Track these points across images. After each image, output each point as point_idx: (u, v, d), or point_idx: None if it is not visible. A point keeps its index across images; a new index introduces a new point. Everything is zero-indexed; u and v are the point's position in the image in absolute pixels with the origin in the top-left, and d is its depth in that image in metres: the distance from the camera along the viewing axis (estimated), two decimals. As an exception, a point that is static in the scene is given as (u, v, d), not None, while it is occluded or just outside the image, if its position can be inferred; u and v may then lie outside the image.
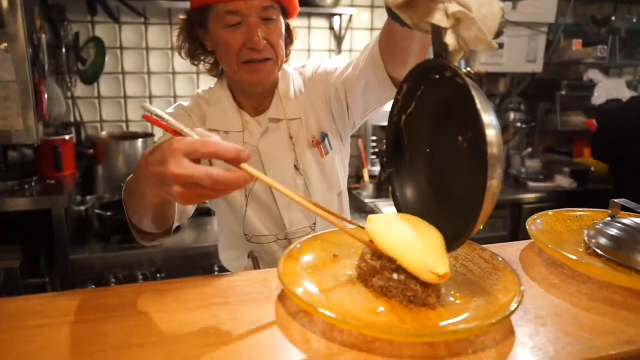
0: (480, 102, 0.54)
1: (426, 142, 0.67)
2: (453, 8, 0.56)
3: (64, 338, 0.53)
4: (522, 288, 0.57)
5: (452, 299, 0.59)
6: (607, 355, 0.52)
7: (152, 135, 2.43)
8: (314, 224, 1.21)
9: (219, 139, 0.60)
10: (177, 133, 0.59)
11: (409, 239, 0.59)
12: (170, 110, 1.21)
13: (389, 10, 0.62)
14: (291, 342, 0.52)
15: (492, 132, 0.53)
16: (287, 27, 1.15)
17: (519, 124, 2.92)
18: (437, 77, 0.62)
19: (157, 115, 0.60)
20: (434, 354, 0.50)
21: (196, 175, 0.57)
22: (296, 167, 1.21)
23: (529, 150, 2.99)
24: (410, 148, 0.69)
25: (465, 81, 0.56)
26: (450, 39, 0.58)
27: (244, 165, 0.58)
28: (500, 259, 0.65)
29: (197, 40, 1.17)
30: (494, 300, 0.57)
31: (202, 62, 1.21)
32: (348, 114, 1.22)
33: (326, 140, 1.25)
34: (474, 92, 0.55)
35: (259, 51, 1.07)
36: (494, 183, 0.53)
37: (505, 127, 2.93)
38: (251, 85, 1.15)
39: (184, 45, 1.18)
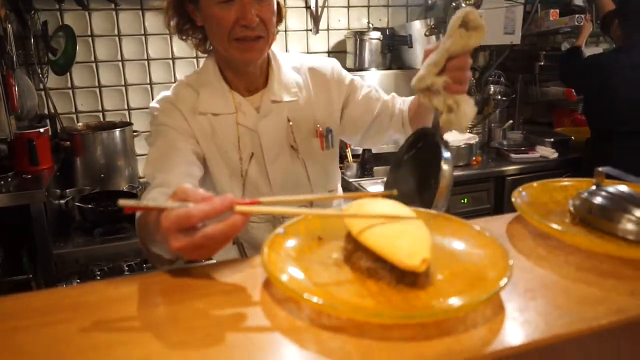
0: (445, 156, 0.89)
1: (414, 176, 0.99)
2: (449, 100, 0.90)
3: (41, 341, 0.51)
4: (511, 262, 0.56)
5: (440, 277, 0.58)
6: (597, 326, 0.51)
7: (130, 124, 2.38)
8: (311, 204, 1.22)
9: (200, 197, 0.63)
10: (161, 209, 0.62)
11: (385, 228, 0.58)
12: (155, 104, 1.18)
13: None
14: (279, 330, 0.51)
15: (445, 176, 0.87)
16: (277, 4, 1.14)
17: (499, 97, 2.92)
18: (431, 138, 0.95)
19: (136, 205, 0.63)
20: (425, 334, 0.49)
21: (194, 241, 0.60)
22: (293, 148, 1.22)
23: (510, 122, 3.00)
24: (401, 175, 1.02)
25: (440, 143, 0.92)
26: (442, 118, 0.91)
27: (239, 208, 0.60)
28: (488, 234, 0.64)
29: (186, 15, 1.14)
30: (483, 276, 0.56)
31: (190, 37, 1.19)
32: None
33: (329, 136, 1.28)
34: (443, 149, 0.90)
35: (252, 29, 1.06)
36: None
37: (485, 101, 2.93)
38: (242, 63, 1.14)
39: (172, 20, 1.16)
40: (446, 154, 0.88)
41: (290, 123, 1.22)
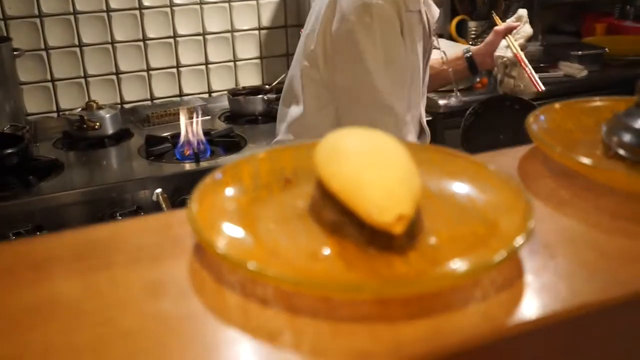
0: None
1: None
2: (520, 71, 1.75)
3: None
4: (532, 224, 0.54)
5: (434, 240, 0.56)
6: (637, 291, 0.51)
7: (7, 39, 2.27)
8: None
9: None
10: None
11: (358, 169, 0.56)
12: None
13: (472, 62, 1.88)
14: (201, 308, 0.49)
15: None
16: None
17: (511, -4, 2.89)
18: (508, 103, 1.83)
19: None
20: (385, 312, 0.48)
21: None
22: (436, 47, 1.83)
23: (526, 30, 2.98)
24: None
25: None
26: (516, 85, 1.76)
27: None
28: (495, 169, 0.62)
29: None
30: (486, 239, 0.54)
31: None
32: None
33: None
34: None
35: None
36: None
37: (492, 3, 2.90)
38: None
39: None
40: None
41: (436, 24, 1.71)
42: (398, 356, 0.43)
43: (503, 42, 1.81)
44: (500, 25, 1.81)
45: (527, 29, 1.74)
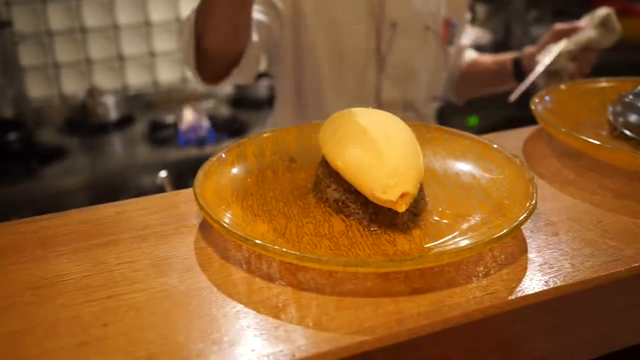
0: None
1: None
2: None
3: None
4: (533, 201, 0.55)
5: (436, 219, 0.57)
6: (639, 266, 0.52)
7: (9, 24, 2.27)
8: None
9: None
10: None
11: (363, 148, 0.57)
12: None
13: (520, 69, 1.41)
14: (207, 282, 0.50)
15: None
16: None
17: (519, -21, 2.87)
18: None
19: None
20: (388, 287, 0.49)
21: None
22: (431, 30, 1.35)
23: (534, 14, 2.97)
24: None
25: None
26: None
27: None
28: (499, 148, 0.63)
29: None
30: (493, 218, 0.55)
31: None
32: None
33: (454, 30, 1.43)
34: None
35: None
36: None
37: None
38: None
39: None
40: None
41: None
42: (400, 329, 0.44)
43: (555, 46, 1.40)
44: (562, 24, 1.38)
45: (587, 33, 1.34)
